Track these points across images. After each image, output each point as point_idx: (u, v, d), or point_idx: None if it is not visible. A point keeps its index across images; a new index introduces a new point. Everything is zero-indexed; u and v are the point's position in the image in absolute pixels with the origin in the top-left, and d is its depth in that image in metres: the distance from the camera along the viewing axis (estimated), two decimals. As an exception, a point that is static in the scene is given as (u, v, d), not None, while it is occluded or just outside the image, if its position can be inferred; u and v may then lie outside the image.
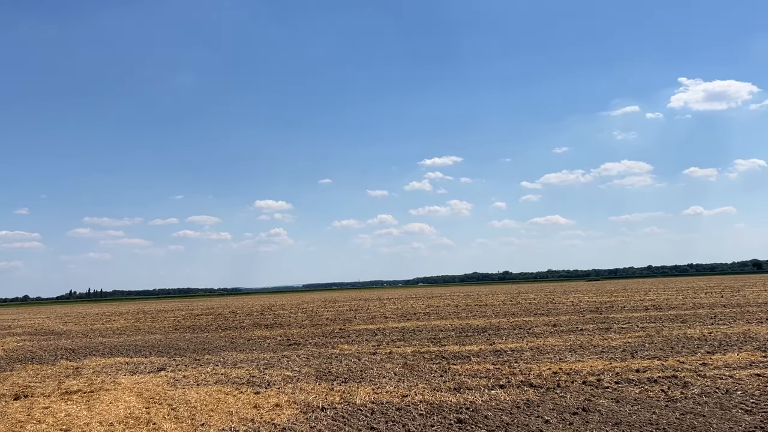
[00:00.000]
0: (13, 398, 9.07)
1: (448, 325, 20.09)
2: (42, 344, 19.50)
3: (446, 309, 30.35)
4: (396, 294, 75.18)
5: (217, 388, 9.37)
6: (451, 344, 14.26)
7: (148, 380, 10.35)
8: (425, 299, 46.99)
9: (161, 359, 13.62)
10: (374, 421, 6.86)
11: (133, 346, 17.20)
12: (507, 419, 6.80)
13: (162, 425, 6.91)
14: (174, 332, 22.75)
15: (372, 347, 14.23)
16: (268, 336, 18.89)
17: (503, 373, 9.87)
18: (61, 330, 27.30)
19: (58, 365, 13.25)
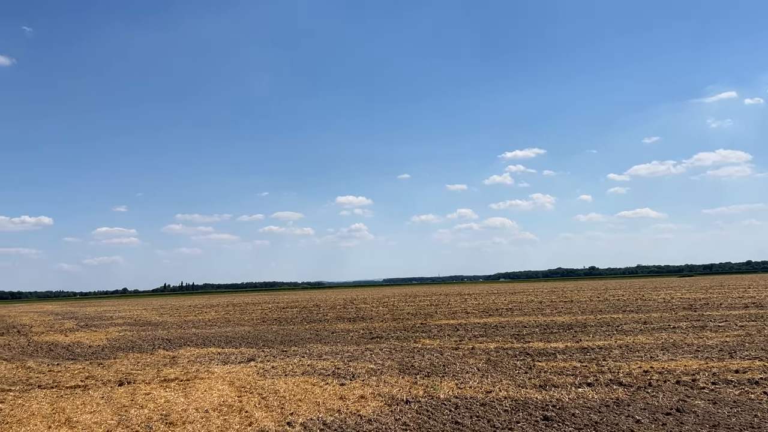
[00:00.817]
0: (118, 384, 9.69)
1: (531, 321, 19.72)
2: (141, 334, 20.71)
3: (530, 305, 29.78)
4: (477, 289, 74.50)
5: (304, 379, 9.65)
6: (536, 341, 14.00)
7: (239, 370, 10.79)
8: (507, 295, 46.30)
9: (251, 350, 14.16)
10: (458, 415, 6.87)
11: (224, 337, 17.96)
12: (595, 418, 6.63)
13: (253, 413, 7.20)
14: (262, 324, 23.57)
15: (454, 342, 14.20)
16: (351, 329, 19.23)
17: (591, 371, 9.61)
18: (158, 321, 28.86)
19: (156, 354, 14.03)
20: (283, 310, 35.30)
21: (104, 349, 15.66)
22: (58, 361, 13.41)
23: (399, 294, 63.38)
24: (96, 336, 20.49)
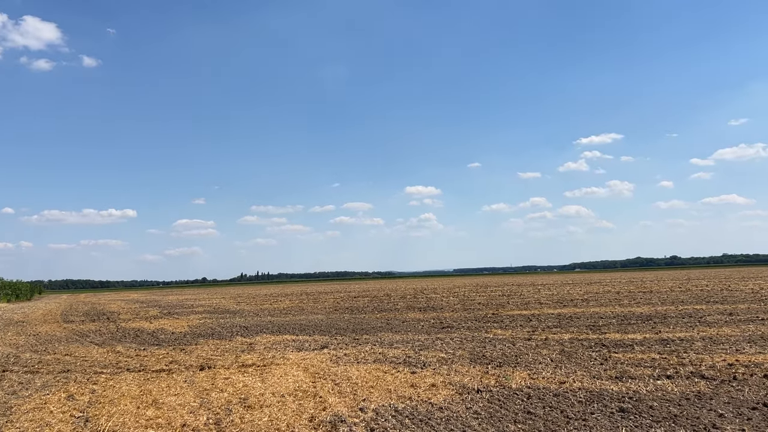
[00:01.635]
0: (199, 369, 10.14)
1: (608, 312, 19.17)
2: (220, 322, 21.54)
3: (606, 295, 28.94)
4: (551, 279, 72.99)
5: (375, 366, 9.79)
6: (612, 332, 13.62)
7: (312, 357, 11.06)
8: (583, 285, 45.14)
9: (324, 338, 14.47)
10: (531, 405, 6.80)
11: (298, 325, 18.44)
12: (675, 411, 6.40)
13: (327, 399, 7.38)
14: (334, 313, 24.01)
15: (526, 333, 14.02)
16: (421, 318, 19.30)
17: (670, 363, 9.27)
18: (235, 309, 29.91)
19: (234, 341, 14.57)
20: (354, 299, 35.80)
21: (186, 336, 16.39)
22: (144, 346, 14.16)
23: (469, 284, 62.97)
24: (178, 323, 21.49)
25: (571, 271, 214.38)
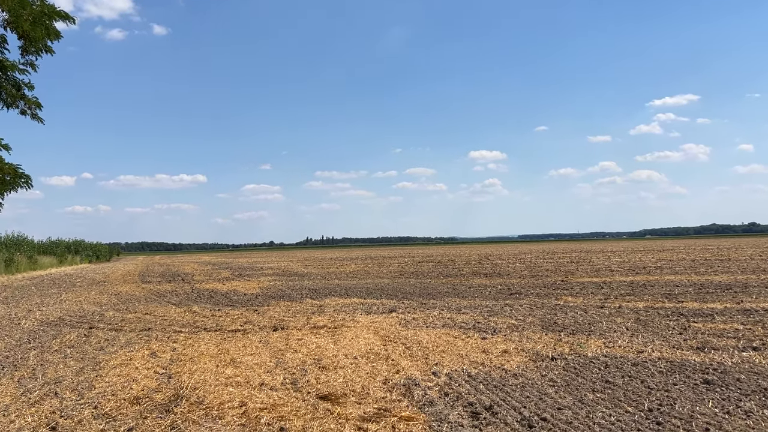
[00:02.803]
0: (273, 329, 10.40)
1: (684, 280, 18.44)
2: (289, 284, 22.04)
3: (681, 263, 27.85)
4: (621, 246, 70.93)
5: (444, 331, 9.77)
6: (690, 301, 13.09)
7: (381, 320, 11.15)
8: (655, 252, 43.60)
9: (391, 301, 14.57)
10: (609, 374, 6.62)
11: (365, 289, 18.64)
12: (764, 384, 6.08)
13: (399, 362, 7.42)
14: (399, 277, 24.15)
15: (599, 300, 13.66)
16: (488, 284, 19.14)
17: (756, 335, 8.82)
18: (303, 272, 30.54)
19: (304, 303, 14.87)
20: (419, 264, 35.90)
21: (258, 297, 16.86)
22: (218, 306, 14.66)
23: (536, 250, 62.00)
24: (249, 285, 22.13)
25: (641, 237, 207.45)
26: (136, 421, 5.33)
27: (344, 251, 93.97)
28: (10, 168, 11.71)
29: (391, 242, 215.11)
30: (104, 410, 5.70)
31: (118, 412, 5.62)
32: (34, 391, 6.52)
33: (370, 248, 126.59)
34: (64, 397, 6.23)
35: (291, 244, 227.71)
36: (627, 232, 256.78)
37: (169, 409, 5.66)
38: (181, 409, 5.61)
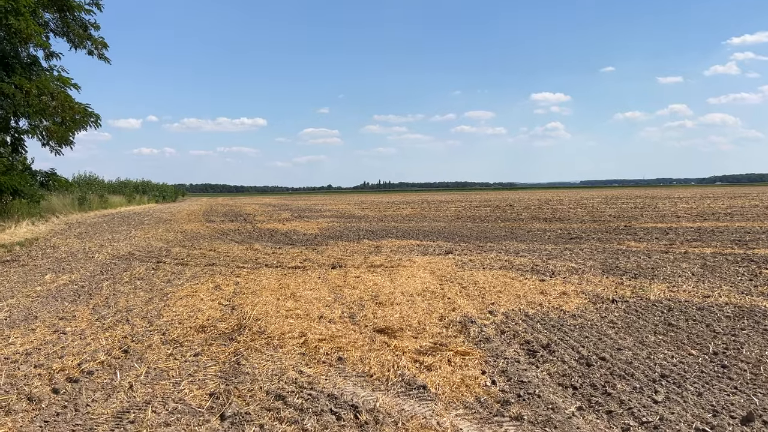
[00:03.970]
0: (331, 267, 10.59)
1: (756, 227, 17.61)
2: (346, 225, 22.32)
3: (754, 210, 26.57)
4: (688, 192, 68.22)
5: (501, 273, 9.71)
6: (762, 247, 12.51)
7: (438, 261, 11.17)
8: (725, 199, 41.72)
9: (447, 244, 14.55)
10: (672, 318, 6.44)
11: (422, 231, 18.67)
12: (842, 334, 5.79)
13: (456, 300, 7.44)
14: (456, 221, 24.05)
15: (663, 246, 13.23)
16: (547, 229, 18.83)
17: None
18: (360, 215, 30.83)
19: (361, 243, 15.04)
20: (476, 208, 35.63)
21: (316, 237, 17.16)
22: (279, 245, 15.01)
23: (598, 196, 60.43)
24: (308, 225, 22.54)
25: (711, 184, 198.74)
26: (202, 348, 5.57)
27: (401, 195, 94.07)
28: (80, 107, 12.11)
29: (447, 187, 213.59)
30: (172, 337, 5.97)
31: (185, 339, 5.88)
32: (108, 318, 6.89)
33: (426, 192, 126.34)
34: (135, 324, 6.56)
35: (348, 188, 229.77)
36: (696, 178, 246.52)
37: (233, 337, 5.88)
38: (244, 337, 5.82)
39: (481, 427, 3.80)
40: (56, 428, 3.82)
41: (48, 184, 13.48)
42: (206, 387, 4.52)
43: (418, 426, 3.74)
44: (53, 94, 11.54)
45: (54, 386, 4.55)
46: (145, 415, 3.99)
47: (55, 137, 12.06)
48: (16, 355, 5.41)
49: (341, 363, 5.05)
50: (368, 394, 4.34)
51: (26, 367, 5.03)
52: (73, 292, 8.68)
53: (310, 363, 5.05)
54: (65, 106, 11.75)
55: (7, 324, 6.71)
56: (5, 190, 11.55)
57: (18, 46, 11.70)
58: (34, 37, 11.04)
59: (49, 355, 5.41)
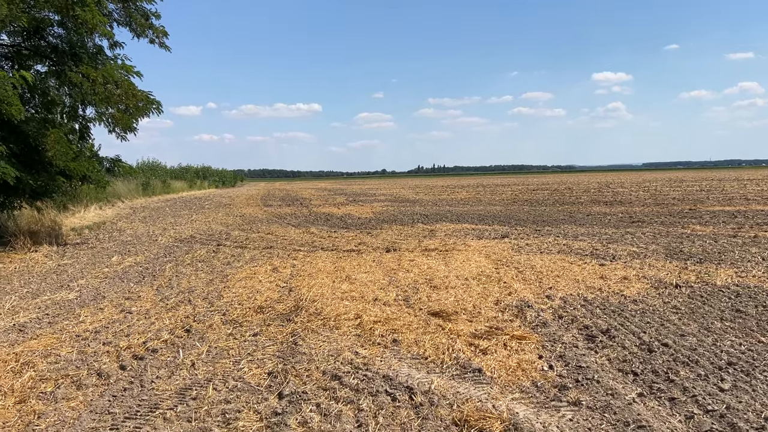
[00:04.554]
0: (385, 250, 10.62)
1: (834, 210, 16.63)
2: (400, 209, 22.33)
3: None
4: (758, 174, 65.02)
5: (559, 257, 9.52)
6: (840, 232, 11.81)
7: (493, 245, 11.04)
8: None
9: (503, 228, 14.37)
10: (740, 304, 6.16)
11: (477, 215, 18.49)
12: None
13: (512, 284, 7.34)
14: (512, 205, 23.71)
15: (731, 230, 12.67)
16: (608, 212, 18.33)
17: None
18: (414, 199, 30.78)
19: (415, 227, 15.02)
20: (533, 192, 35.00)
21: (371, 221, 17.24)
22: (334, 228, 15.16)
23: (661, 179, 58.34)
24: (362, 209, 22.67)
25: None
26: (260, 328, 5.69)
27: (455, 179, 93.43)
28: (142, 95, 12.48)
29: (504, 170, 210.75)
30: (232, 317, 6.13)
31: (244, 319, 6.02)
32: (171, 299, 7.13)
33: (482, 176, 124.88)
34: (196, 305, 6.76)
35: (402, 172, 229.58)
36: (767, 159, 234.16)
37: (290, 318, 5.98)
38: (301, 318, 5.92)
39: (538, 411, 3.75)
40: (123, 403, 3.99)
41: (114, 170, 13.97)
42: (264, 366, 4.62)
43: (474, 409, 3.72)
44: (117, 82, 11.94)
45: (121, 363, 4.75)
46: (207, 392, 4.11)
47: (120, 124, 12.48)
48: (86, 332, 5.67)
49: (396, 345, 5.07)
50: (423, 376, 4.34)
51: (95, 345, 5.26)
52: (138, 274, 9.02)
53: (365, 344, 5.10)
54: (129, 94, 12.13)
55: (78, 303, 7.03)
56: (75, 176, 12.03)
57: (84, 37, 12.13)
58: (99, 27, 11.43)
59: (116, 333, 5.65)
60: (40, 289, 7.91)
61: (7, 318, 6.35)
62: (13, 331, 5.79)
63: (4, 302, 7.10)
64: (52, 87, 12.11)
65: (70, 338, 5.47)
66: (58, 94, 12.22)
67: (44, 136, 11.39)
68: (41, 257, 10.86)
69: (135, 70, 12.56)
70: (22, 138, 11.44)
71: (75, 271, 9.33)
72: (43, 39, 12.51)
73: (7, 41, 12.96)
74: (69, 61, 11.97)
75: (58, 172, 11.88)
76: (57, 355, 4.98)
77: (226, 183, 73.25)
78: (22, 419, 3.75)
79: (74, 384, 4.33)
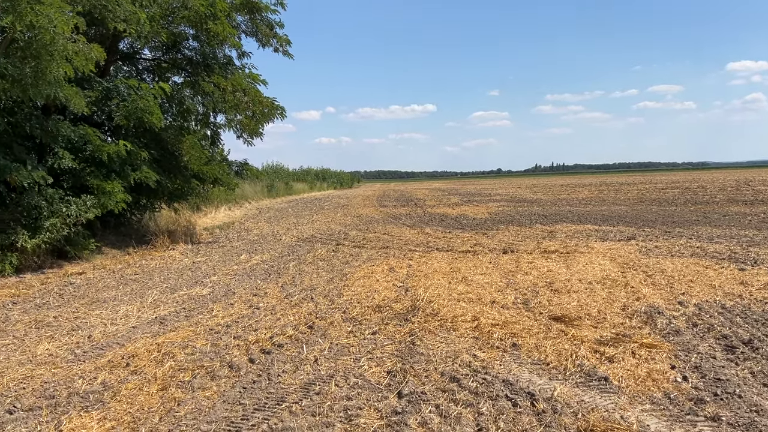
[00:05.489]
0: (502, 252, 10.43)
1: None
2: (517, 209, 21.85)
3: None
4: None
5: (693, 261, 8.88)
6: None
7: (618, 247, 10.51)
8: None
9: (629, 229, 13.64)
10: None
11: (600, 216, 17.69)
12: None
13: (640, 289, 6.95)
14: (639, 204, 22.45)
15: None
16: (747, 212, 16.86)
17: None
18: (532, 198, 30.00)
19: (533, 228, 14.63)
20: (662, 190, 32.95)
21: (486, 221, 17.02)
22: (449, 229, 15.12)
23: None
24: (478, 210, 22.42)
25: None
26: (379, 326, 5.79)
27: (576, 177, 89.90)
28: (267, 101, 13.15)
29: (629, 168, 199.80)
30: (351, 315, 6.28)
31: (363, 318, 6.15)
32: (294, 296, 7.44)
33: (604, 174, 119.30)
34: (318, 302, 7.00)
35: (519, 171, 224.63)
36: None
37: (407, 318, 6.03)
38: (418, 319, 5.95)
39: (671, 425, 3.52)
40: (253, 395, 4.21)
41: (242, 173, 14.88)
42: (384, 364, 4.69)
43: (600, 419, 3.56)
44: (245, 90, 12.68)
45: (250, 356, 5.02)
46: (329, 388, 4.24)
47: (247, 130, 13.24)
48: (219, 326, 6.04)
49: (516, 349, 4.96)
50: (545, 382, 4.22)
51: (227, 338, 5.60)
52: (264, 271, 9.49)
53: (483, 347, 5.03)
54: (255, 101, 12.85)
55: (211, 299, 7.52)
56: (207, 179, 12.94)
57: (215, 48, 12.99)
58: (229, 39, 12.20)
59: (245, 327, 5.97)
60: (177, 285, 8.54)
61: (149, 311, 6.91)
62: (155, 323, 6.30)
63: (147, 296, 7.74)
64: (187, 96, 13.07)
65: (204, 331, 5.86)
66: (192, 103, 13.16)
67: (180, 142, 12.32)
68: (178, 255, 11.73)
69: (261, 78, 13.27)
70: (161, 145, 12.45)
71: (208, 268, 9.99)
72: (179, 52, 13.55)
73: (149, 56, 14.15)
74: (202, 71, 12.86)
75: (192, 175, 12.81)
76: (193, 346, 5.35)
77: (343, 184, 75.35)
78: (164, 405, 4.06)
79: (209, 375, 4.63)
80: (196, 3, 11.39)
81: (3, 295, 7.86)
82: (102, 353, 5.25)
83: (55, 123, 10.05)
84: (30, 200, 9.39)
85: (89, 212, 10.13)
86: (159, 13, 11.24)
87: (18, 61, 8.17)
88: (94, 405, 4.08)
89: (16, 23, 7.91)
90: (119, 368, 4.81)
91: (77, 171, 10.46)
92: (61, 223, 9.77)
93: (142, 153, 11.25)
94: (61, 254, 10.51)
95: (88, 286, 8.56)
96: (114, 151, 10.39)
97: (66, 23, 8.17)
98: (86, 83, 10.83)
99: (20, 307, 7.24)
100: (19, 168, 9.05)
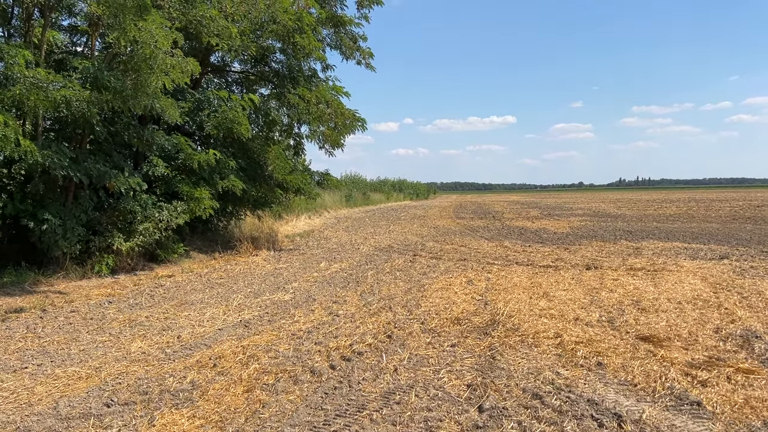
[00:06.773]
0: (585, 268, 10.14)
1: None
2: (601, 225, 21.15)
3: None
4: None
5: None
6: None
7: (710, 266, 9.99)
8: None
9: (721, 247, 12.94)
10: None
11: (689, 233, 16.88)
12: None
13: (734, 311, 6.58)
14: (732, 222, 21.25)
15: None
16: None
17: None
18: (616, 213, 28.97)
19: (618, 244, 14.13)
20: (757, 208, 31.04)
21: (568, 236, 16.58)
22: (528, 243, 14.85)
23: None
24: (558, 224, 21.88)
25: None
26: (458, 339, 5.76)
27: (663, 193, 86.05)
28: (349, 113, 13.42)
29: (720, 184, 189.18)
30: (430, 326, 6.29)
31: (442, 329, 6.14)
32: (373, 304, 7.52)
33: (693, 190, 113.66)
34: (396, 312, 7.04)
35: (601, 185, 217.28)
36: None
37: (487, 332, 5.97)
38: (498, 333, 5.88)
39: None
40: (334, 401, 4.29)
41: (322, 183, 15.22)
42: (463, 378, 4.66)
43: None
44: (329, 102, 12.99)
45: (331, 362, 5.11)
46: (409, 398, 4.26)
47: (329, 141, 13.54)
48: (300, 332, 6.19)
49: (601, 368, 4.81)
50: (632, 404, 4.07)
51: (308, 344, 5.73)
52: (343, 279, 9.65)
53: (566, 365, 4.91)
54: (338, 113, 13.13)
55: (292, 304, 7.72)
56: (290, 188, 13.32)
57: (301, 61, 13.40)
58: (315, 52, 12.57)
59: (326, 334, 6.09)
60: (260, 290, 8.82)
61: (234, 314, 7.18)
62: (239, 326, 6.53)
63: (232, 300, 8.04)
64: (273, 108, 13.52)
65: (287, 336, 6.03)
66: (277, 114, 13.61)
67: (266, 152, 12.75)
68: (261, 261, 12.11)
69: (344, 90, 13.55)
70: (247, 154, 12.93)
71: (289, 275, 10.26)
72: (266, 65, 14.06)
73: (238, 68, 14.76)
74: (288, 84, 13.28)
75: (276, 184, 13.22)
76: (276, 350, 5.50)
77: (419, 195, 75.46)
78: (249, 407, 4.20)
79: (291, 379, 4.75)
80: (285, 17, 11.80)
81: (100, 295, 8.38)
82: (190, 353, 5.49)
83: (151, 132, 10.66)
84: (126, 205, 9.98)
85: (179, 218, 10.66)
86: (249, 28, 11.72)
87: (120, 74, 8.73)
88: (184, 403, 4.28)
89: (121, 39, 8.47)
90: (207, 368, 5.02)
91: (169, 178, 11.03)
92: (154, 227, 10.32)
93: (230, 162, 11.74)
94: (152, 257, 11.10)
95: (177, 289, 8.98)
96: (204, 160, 10.89)
97: (166, 38, 8.68)
98: (179, 94, 11.43)
99: (115, 306, 7.69)
100: (118, 174, 9.64)
